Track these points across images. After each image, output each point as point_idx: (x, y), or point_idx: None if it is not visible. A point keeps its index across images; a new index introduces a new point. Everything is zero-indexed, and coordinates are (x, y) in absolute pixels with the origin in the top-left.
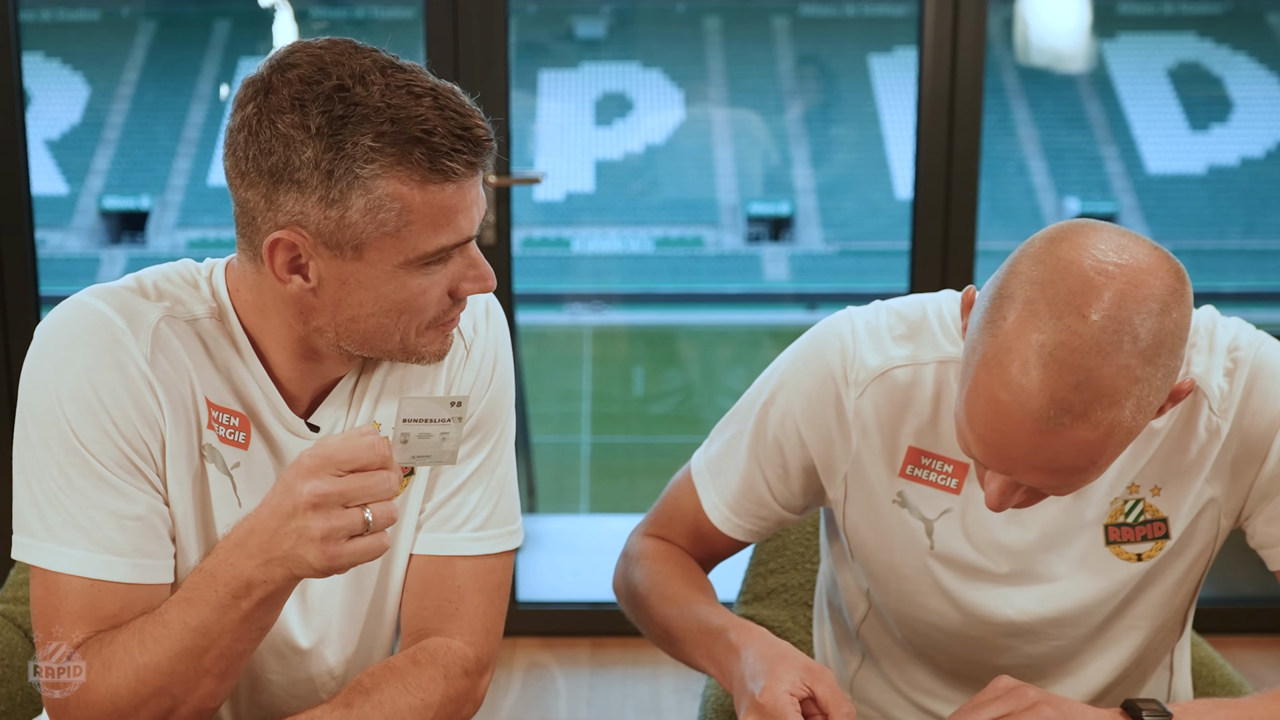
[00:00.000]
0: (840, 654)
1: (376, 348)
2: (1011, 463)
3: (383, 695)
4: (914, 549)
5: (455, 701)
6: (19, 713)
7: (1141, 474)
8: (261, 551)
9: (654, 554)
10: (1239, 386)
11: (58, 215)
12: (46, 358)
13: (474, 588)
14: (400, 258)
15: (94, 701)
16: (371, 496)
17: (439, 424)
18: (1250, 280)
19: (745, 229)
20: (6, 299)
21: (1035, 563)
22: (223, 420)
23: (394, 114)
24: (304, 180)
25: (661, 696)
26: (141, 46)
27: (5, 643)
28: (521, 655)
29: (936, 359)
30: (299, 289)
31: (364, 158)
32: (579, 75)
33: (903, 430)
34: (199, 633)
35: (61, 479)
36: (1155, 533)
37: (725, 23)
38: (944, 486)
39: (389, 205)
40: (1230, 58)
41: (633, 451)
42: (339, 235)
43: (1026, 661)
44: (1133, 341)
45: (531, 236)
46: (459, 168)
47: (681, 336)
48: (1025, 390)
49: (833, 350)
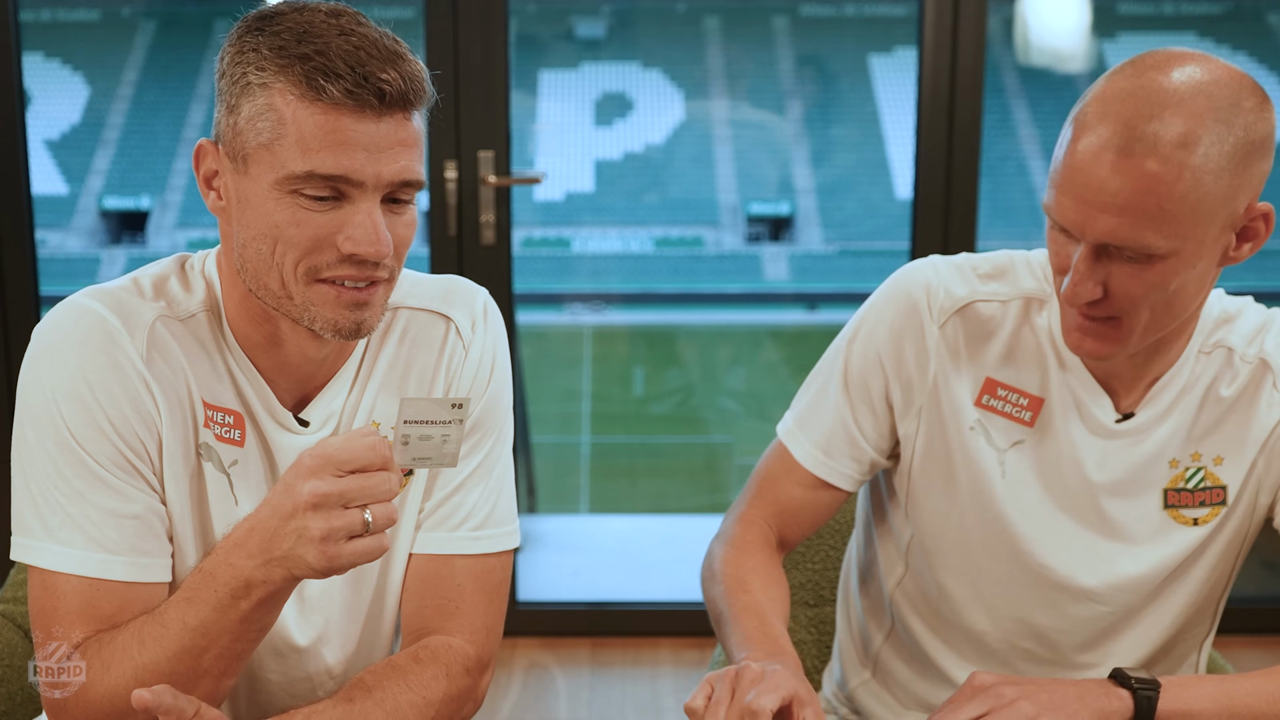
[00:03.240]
0: (867, 628)
1: (267, 288)
2: (1089, 205)
3: (384, 692)
4: (983, 481)
5: (457, 700)
6: (19, 713)
7: (1206, 442)
8: (261, 552)
9: (734, 540)
10: None
11: (58, 215)
12: (43, 358)
13: (473, 587)
14: (272, 175)
15: (93, 701)
16: (371, 497)
17: (440, 425)
18: (1250, 280)
19: (745, 229)
20: (6, 299)
21: (1097, 509)
22: (218, 419)
23: (300, 33)
24: (222, 89)
25: (661, 696)
26: (141, 46)
27: (5, 643)
28: (521, 655)
29: (1021, 294)
30: (213, 206)
31: (256, 64)
32: (579, 75)
33: (982, 361)
34: (198, 633)
35: (58, 479)
36: (1214, 499)
37: (725, 23)
38: (1018, 419)
39: (266, 114)
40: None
41: (633, 451)
42: (234, 144)
43: (1066, 626)
44: (1209, 99)
45: (531, 236)
46: (336, 92)
47: (681, 336)
48: (1104, 119)
49: (917, 285)
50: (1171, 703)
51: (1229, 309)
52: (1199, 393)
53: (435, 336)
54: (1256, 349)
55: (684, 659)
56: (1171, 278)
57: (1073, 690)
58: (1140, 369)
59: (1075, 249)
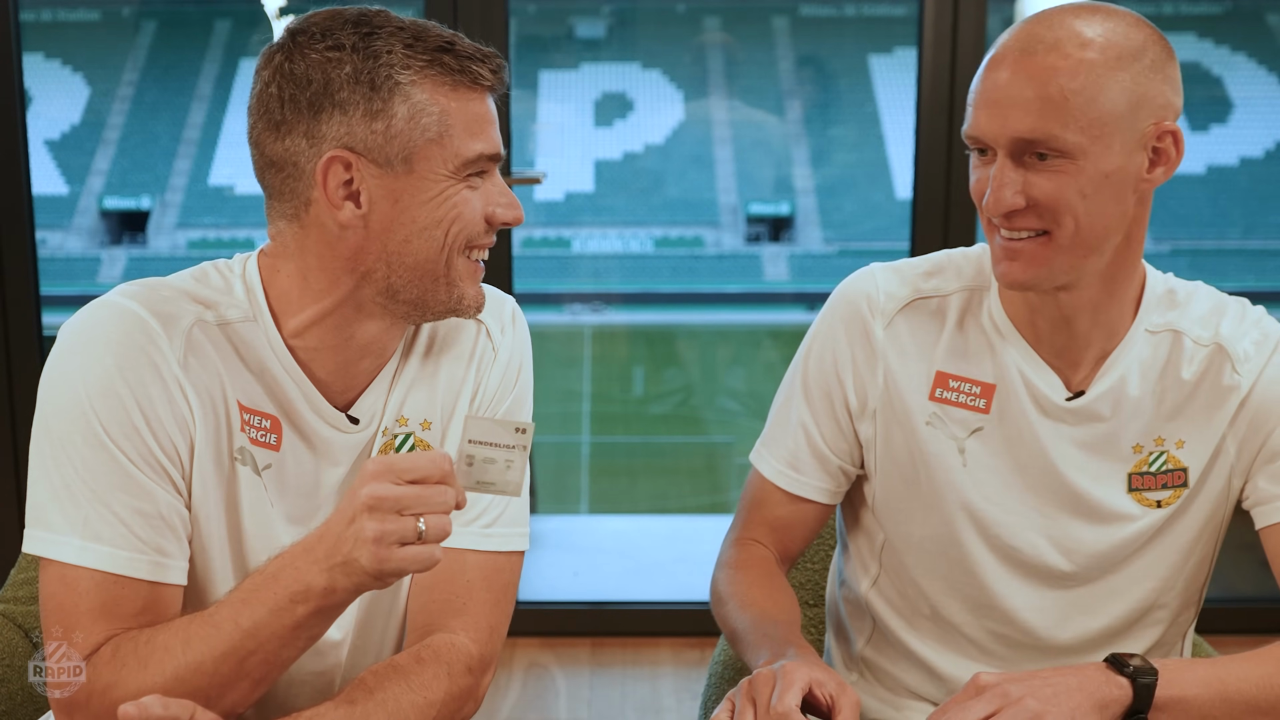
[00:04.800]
0: (850, 632)
1: (424, 279)
2: (998, 107)
3: (386, 693)
4: (945, 473)
5: (458, 699)
6: (19, 713)
7: (1169, 426)
8: (326, 557)
9: (738, 561)
10: (1264, 354)
11: (58, 215)
12: (77, 355)
13: (482, 584)
14: (446, 166)
15: (122, 699)
16: (427, 507)
17: (504, 450)
18: (1250, 280)
19: (745, 229)
20: (6, 299)
21: (1060, 488)
22: (254, 423)
23: (415, 31)
24: (345, 99)
25: (661, 696)
26: (141, 46)
27: (5, 643)
28: (521, 655)
29: (962, 287)
30: (350, 217)
31: (401, 64)
32: (579, 75)
33: (931, 355)
34: (249, 634)
35: (85, 474)
36: (1175, 481)
37: (725, 23)
38: (973, 407)
39: (429, 110)
40: (1230, 58)
41: (632, 451)
42: (387, 148)
43: (1039, 606)
44: (1106, 15)
45: (532, 236)
46: (485, 75)
47: (681, 336)
48: (1009, 37)
49: (859, 292)
50: (1168, 689)
51: (1176, 291)
52: (1155, 376)
53: (466, 339)
54: (1211, 333)
55: (684, 659)
56: (1086, 182)
57: (1074, 680)
58: (1086, 344)
59: (993, 169)
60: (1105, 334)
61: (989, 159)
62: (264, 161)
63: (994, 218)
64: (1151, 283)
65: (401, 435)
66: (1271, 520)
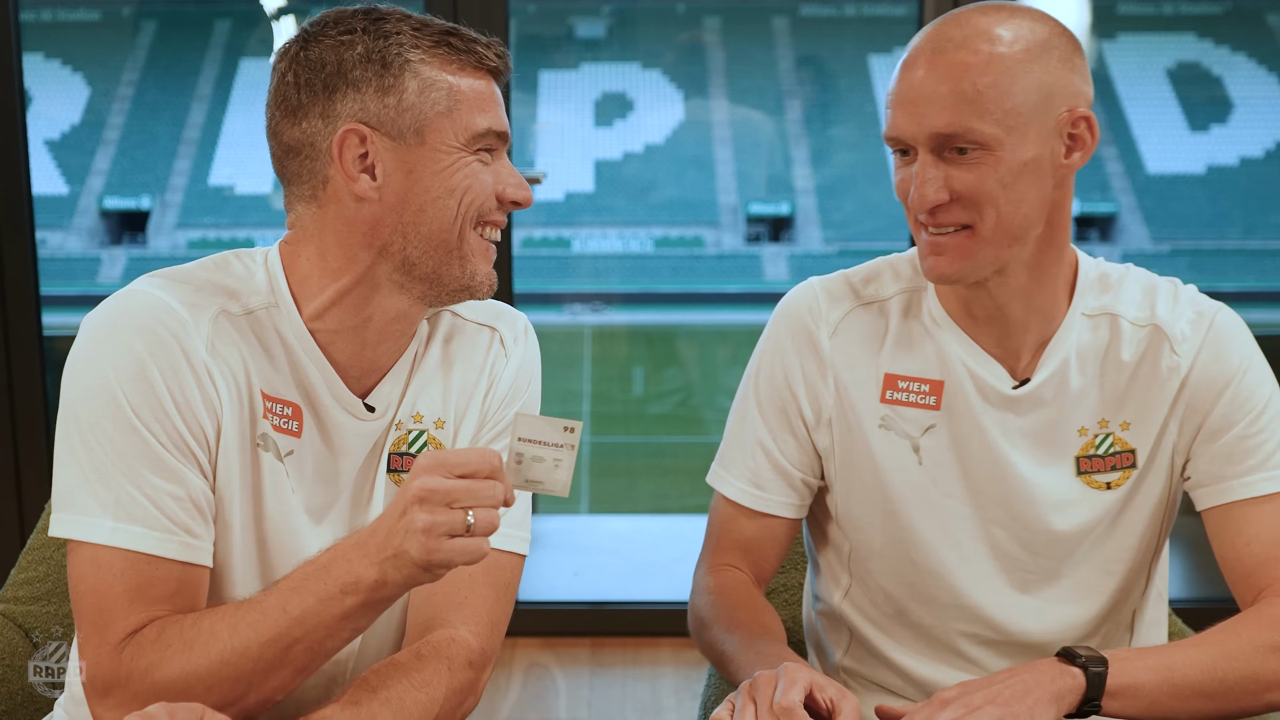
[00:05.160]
0: (828, 643)
1: (439, 251)
2: (915, 106)
3: (389, 692)
4: (900, 473)
5: (459, 694)
6: (19, 713)
7: (1111, 409)
8: (378, 550)
9: (715, 587)
10: (1200, 333)
11: (58, 215)
12: (104, 342)
13: (484, 580)
14: (457, 138)
15: (164, 681)
16: (475, 501)
17: (552, 448)
18: (1250, 280)
19: (745, 229)
20: (6, 299)
21: (1014, 478)
22: (276, 410)
23: (420, 20)
24: (358, 77)
25: (661, 696)
26: (141, 46)
27: (5, 643)
28: (521, 655)
29: (900, 290)
30: (366, 189)
31: (410, 44)
32: (579, 75)
33: (877, 359)
34: (296, 622)
35: (115, 457)
36: (1123, 463)
37: (725, 23)
38: (924, 405)
39: (438, 84)
40: (1230, 58)
41: (632, 451)
42: (399, 121)
43: (1003, 601)
44: (1010, 13)
45: (531, 236)
46: (490, 56)
47: (681, 336)
48: (919, 40)
49: (801, 306)
50: (1118, 677)
51: (1109, 274)
52: (1096, 359)
53: (481, 344)
54: (1148, 314)
55: (684, 659)
56: (1005, 172)
57: (1029, 677)
58: (1024, 331)
59: (915, 167)
60: (1041, 320)
61: (911, 158)
62: (282, 150)
63: (920, 215)
64: (1084, 268)
65: (416, 432)
66: (1214, 502)
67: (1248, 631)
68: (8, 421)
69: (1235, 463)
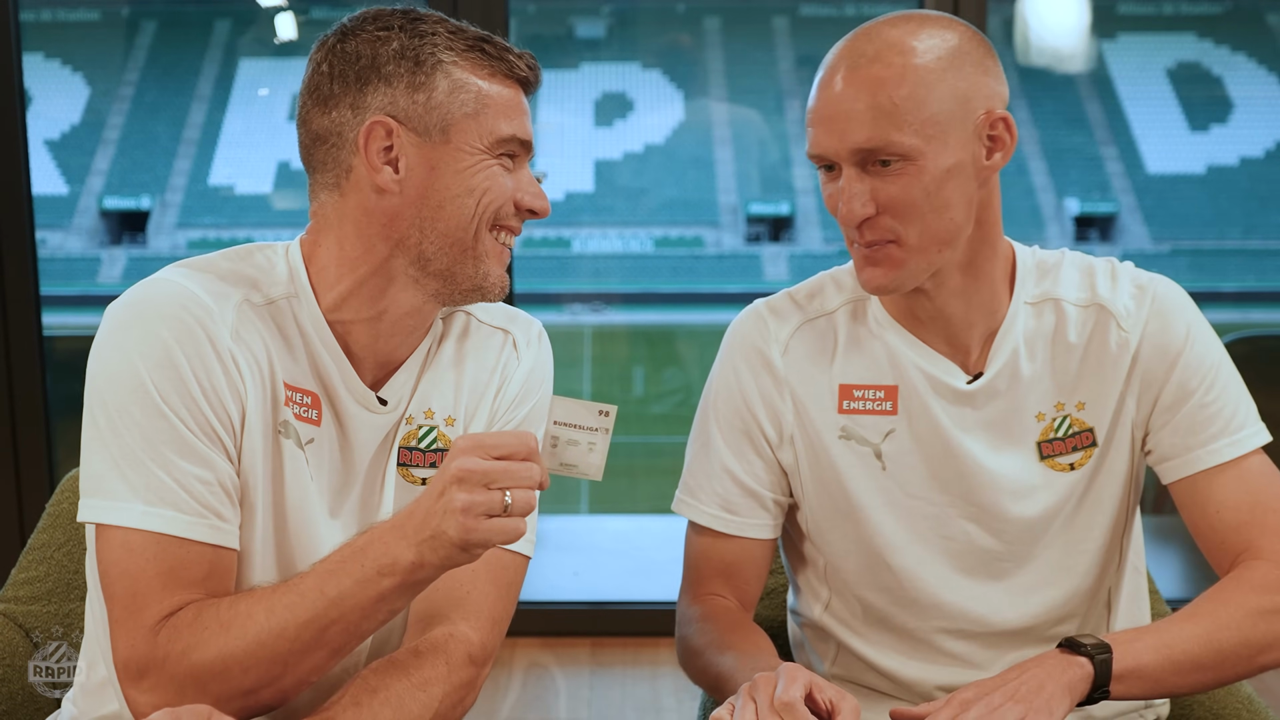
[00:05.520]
0: (816, 655)
1: (454, 249)
2: (835, 123)
3: (390, 691)
4: (865, 481)
5: (460, 690)
6: (19, 713)
7: (1065, 391)
8: (415, 532)
9: (702, 615)
10: (1145, 308)
11: (58, 215)
12: (131, 329)
13: (487, 577)
14: (481, 141)
15: (200, 663)
16: (513, 481)
17: (586, 432)
18: (1250, 280)
19: (745, 229)
20: (6, 299)
21: (979, 471)
22: (297, 399)
23: (456, 25)
24: (391, 72)
25: (661, 696)
26: (141, 46)
27: (5, 643)
28: (521, 655)
29: (843, 302)
30: (388, 181)
31: (445, 45)
32: (579, 75)
33: (830, 371)
34: (333, 603)
35: (144, 443)
36: (1083, 442)
37: (725, 23)
38: (881, 411)
39: (467, 87)
40: (1230, 58)
41: (632, 451)
42: (427, 118)
43: (981, 594)
44: (920, 23)
45: (531, 237)
46: (521, 66)
47: (681, 336)
48: (833, 57)
49: (750, 328)
50: (1123, 661)
51: (1046, 260)
52: (1045, 344)
53: (495, 345)
54: (1088, 295)
55: None
56: (930, 180)
57: (1040, 671)
58: (969, 327)
59: (840, 182)
60: (985, 314)
61: (836, 174)
62: (310, 138)
63: (850, 229)
64: (1021, 257)
65: (426, 428)
66: (1182, 474)
67: (1235, 598)
68: (8, 421)
69: (1197, 432)
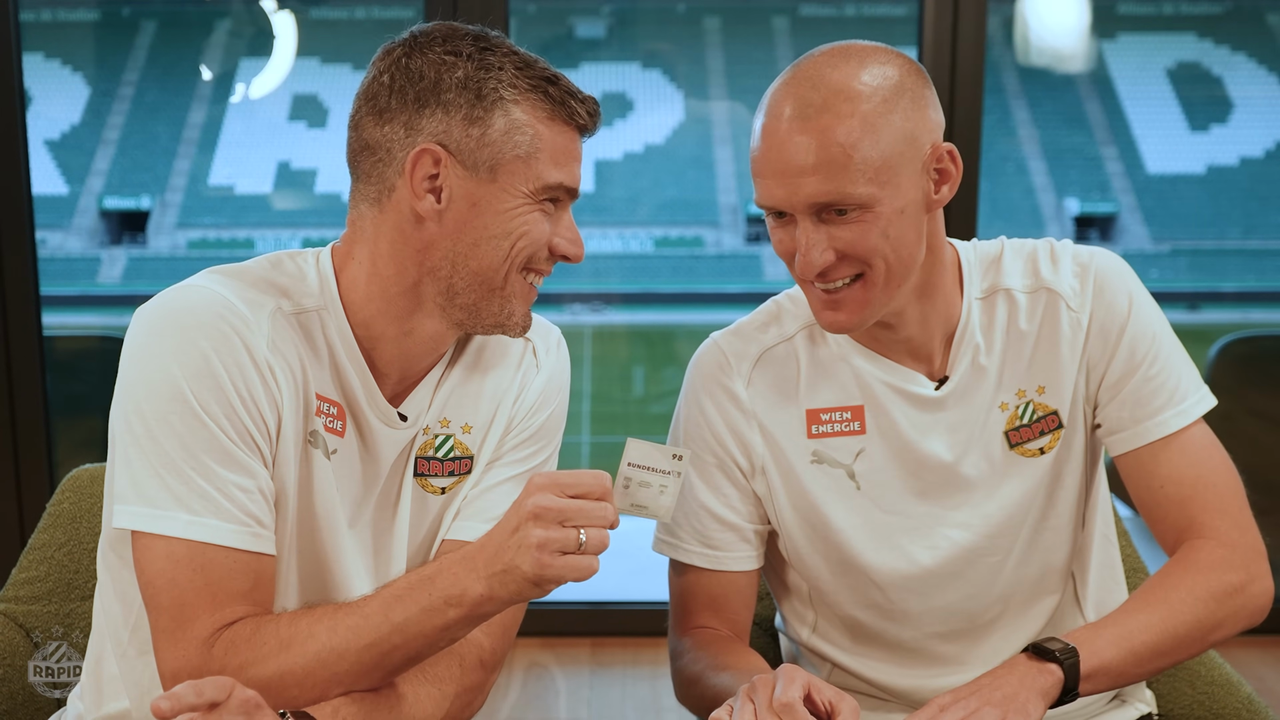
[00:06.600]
0: (812, 669)
1: (482, 287)
2: (788, 176)
3: (404, 687)
4: (840, 503)
5: (470, 692)
6: (19, 713)
7: (1023, 377)
8: (486, 565)
9: (693, 645)
10: (1089, 286)
11: (58, 215)
12: (168, 337)
13: None
14: (528, 185)
15: (258, 678)
16: (588, 520)
17: (659, 475)
18: (1250, 280)
19: (745, 229)
20: (6, 299)
21: (952, 474)
22: (325, 409)
23: (525, 59)
24: (450, 100)
25: (661, 696)
26: (141, 46)
27: (5, 643)
28: (521, 655)
29: (799, 328)
30: (428, 209)
31: (509, 82)
32: (579, 75)
33: (796, 397)
34: (398, 630)
35: (184, 451)
36: (1050, 425)
37: (725, 23)
38: (850, 432)
39: (524, 129)
40: (1230, 58)
41: None
42: (478, 154)
43: (971, 592)
44: (860, 61)
45: None
46: (582, 114)
47: (681, 336)
48: (777, 104)
49: (711, 362)
50: (1089, 661)
51: (987, 253)
52: (1000, 335)
53: (515, 352)
54: (1033, 280)
55: None
56: (886, 224)
57: (1014, 678)
58: (928, 336)
59: (794, 230)
60: (941, 320)
61: (787, 220)
62: (359, 144)
63: (808, 278)
64: (965, 256)
65: (442, 436)
66: (1130, 446)
67: (1185, 582)
68: (8, 421)
69: (1144, 404)
